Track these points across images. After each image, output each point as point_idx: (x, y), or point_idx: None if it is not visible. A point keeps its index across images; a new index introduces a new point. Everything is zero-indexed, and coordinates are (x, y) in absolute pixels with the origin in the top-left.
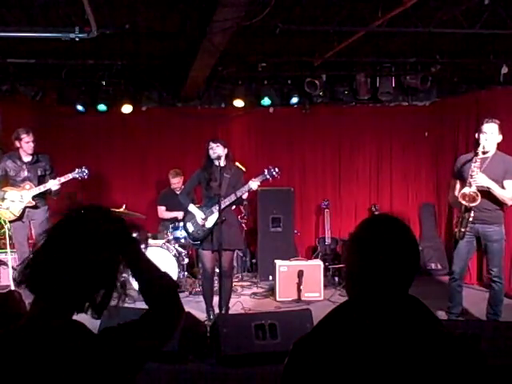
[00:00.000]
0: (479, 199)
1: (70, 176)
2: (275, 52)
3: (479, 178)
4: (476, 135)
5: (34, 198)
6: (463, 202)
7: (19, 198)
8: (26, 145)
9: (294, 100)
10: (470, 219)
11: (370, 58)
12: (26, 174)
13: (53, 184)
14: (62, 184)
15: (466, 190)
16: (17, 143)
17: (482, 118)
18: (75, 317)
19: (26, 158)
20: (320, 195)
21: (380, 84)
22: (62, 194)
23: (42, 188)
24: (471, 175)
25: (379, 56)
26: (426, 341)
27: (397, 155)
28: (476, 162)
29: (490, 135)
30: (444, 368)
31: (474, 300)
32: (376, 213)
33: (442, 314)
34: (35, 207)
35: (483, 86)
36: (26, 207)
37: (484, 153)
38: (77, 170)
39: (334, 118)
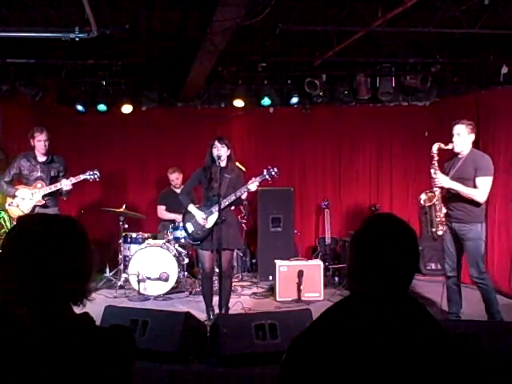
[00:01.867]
0: (436, 197)
1: (81, 177)
2: (275, 52)
3: (441, 179)
4: None
5: (44, 197)
6: (424, 204)
7: (30, 195)
8: (38, 143)
9: (294, 100)
10: (438, 219)
11: (370, 58)
12: (39, 173)
13: (65, 184)
14: (73, 185)
15: (423, 195)
16: (31, 141)
17: (483, 118)
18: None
19: (41, 158)
20: (320, 195)
21: (380, 84)
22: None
23: (53, 187)
24: (431, 177)
25: (379, 56)
26: (423, 339)
27: (397, 155)
28: (433, 163)
29: (457, 136)
30: (441, 367)
31: (474, 300)
32: (376, 213)
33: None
34: (45, 206)
35: (483, 86)
36: (35, 206)
37: (456, 154)
38: (88, 171)
39: (334, 117)
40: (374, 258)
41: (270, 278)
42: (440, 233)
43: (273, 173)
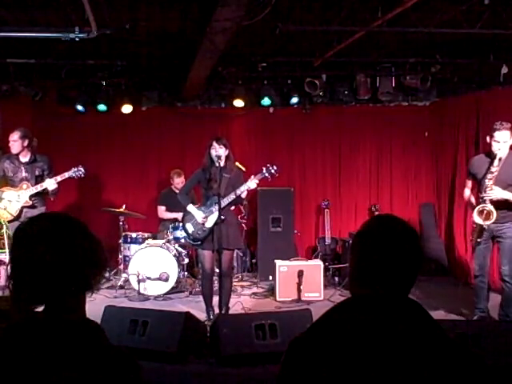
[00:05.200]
0: (494, 217)
1: (66, 175)
2: (275, 52)
3: (494, 193)
4: (488, 139)
5: (31, 197)
6: (479, 221)
7: (16, 197)
8: (10, 143)
9: (294, 100)
10: (486, 227)
11: (370, 58)
12: (23, 174)
13: (49, 183)
14: (60, 183)
15: (476, 212)
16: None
17: (482, 118)
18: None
19: (24, 159)
20: (320, 195)
21: (380, 84)
22: (59, 194)
23: (38, 187)
24: (485, 190)
25: (379, 56)
26: (424, 343)
27: (397, 155)
28: (491, 179)
29: (503, 144)
30: (443, 371)
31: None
32: (376, 213)
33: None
34: (33, 207)
35: (483, 86)
36: (23, 207)
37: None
38: (73, 168)
39: (334, 117)
40: (376, 260)
41: (270, 278)
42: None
43: (272, 170)
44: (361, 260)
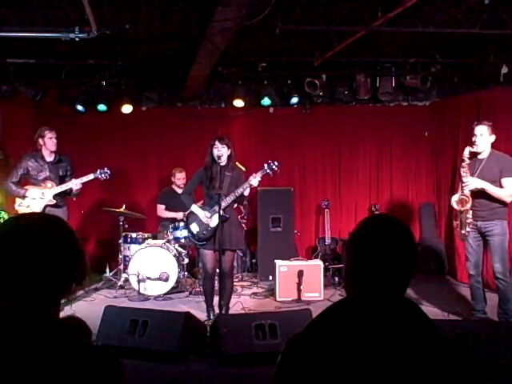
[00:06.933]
0: (470, 201)
1: (91, 176)
2: (275, 52)
3: (470, 182)
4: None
5: (55, 196)
6: (456, 207)
7: (40, 195)
8: (50, 141)
9: (294, 100)
10: (468, 220)
11: (370, 58)
12: (47, 173)
13: (75, 183)
14: (83, 184)
15: (455, 196)
16: (40, 141)
17: (482, 118)
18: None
19: (49, 158)
20: (320, 195)
21: (380, 84)
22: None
23: (63, 187)
24: (461, 180)
25: (379, 56)
26: (418, 342)
27: (397, 155)
28: (463, 167)
29: (480, 137)
30: (438, 370)
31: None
32: (376, 213)
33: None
34: (56, 206)
35: (483, 86)
36: (46, 205)
37: (476, 154)
38: (98, 170)
39: (334, 117)
40: (370, 260)
41: (270, 278)
42: (467, 233)
43: (274, 166)
44: (356, 260)
